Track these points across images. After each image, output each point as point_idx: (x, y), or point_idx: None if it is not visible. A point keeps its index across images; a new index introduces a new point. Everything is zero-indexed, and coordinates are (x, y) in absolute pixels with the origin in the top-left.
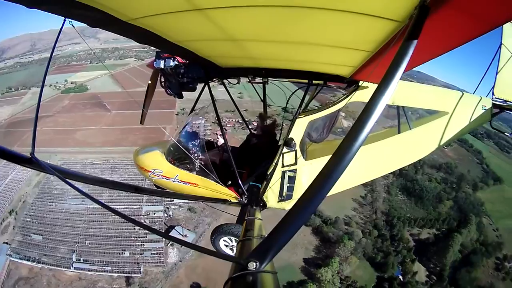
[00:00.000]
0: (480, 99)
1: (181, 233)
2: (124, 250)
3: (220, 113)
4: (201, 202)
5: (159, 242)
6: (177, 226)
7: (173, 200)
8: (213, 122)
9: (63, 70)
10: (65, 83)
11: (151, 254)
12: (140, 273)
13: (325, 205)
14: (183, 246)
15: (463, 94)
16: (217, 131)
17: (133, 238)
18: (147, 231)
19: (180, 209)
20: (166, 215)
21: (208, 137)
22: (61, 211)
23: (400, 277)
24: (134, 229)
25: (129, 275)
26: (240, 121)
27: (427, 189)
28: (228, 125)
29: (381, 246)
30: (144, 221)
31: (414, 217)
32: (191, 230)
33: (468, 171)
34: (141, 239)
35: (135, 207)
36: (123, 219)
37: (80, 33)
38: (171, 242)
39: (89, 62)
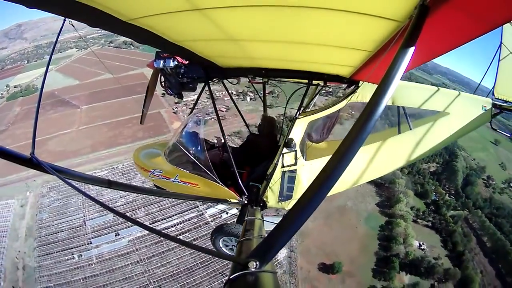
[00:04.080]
0: (480, 100)
1: None
2: None
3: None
4: (201, 202)
5: None
6: None
7: (203, 214)
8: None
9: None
10: (7, 88)
11: None
12: None
13: None
14: None
15: (463, 94)
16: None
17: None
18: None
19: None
20: None
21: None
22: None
23: (438, 199)
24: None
25: None
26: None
27: None
28: None
29: (415, 180)
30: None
31: None
32: None
33: None
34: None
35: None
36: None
37: (77, 31)
38: None
39: (26, 62)
